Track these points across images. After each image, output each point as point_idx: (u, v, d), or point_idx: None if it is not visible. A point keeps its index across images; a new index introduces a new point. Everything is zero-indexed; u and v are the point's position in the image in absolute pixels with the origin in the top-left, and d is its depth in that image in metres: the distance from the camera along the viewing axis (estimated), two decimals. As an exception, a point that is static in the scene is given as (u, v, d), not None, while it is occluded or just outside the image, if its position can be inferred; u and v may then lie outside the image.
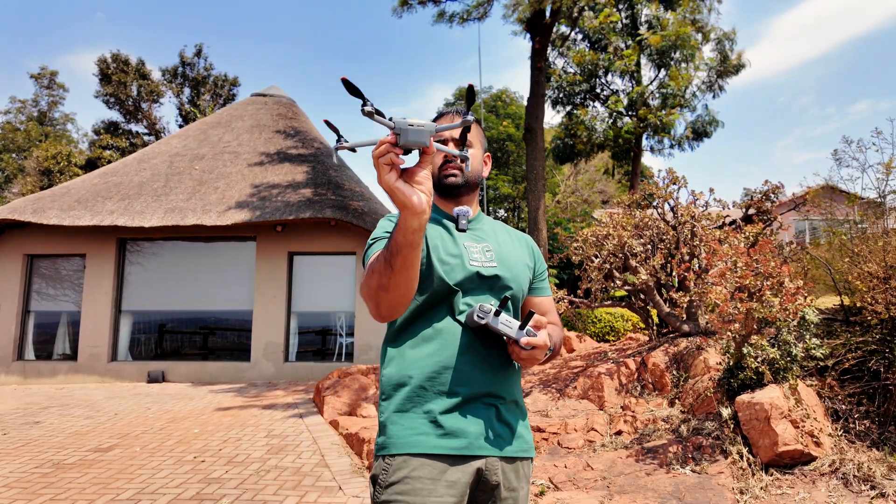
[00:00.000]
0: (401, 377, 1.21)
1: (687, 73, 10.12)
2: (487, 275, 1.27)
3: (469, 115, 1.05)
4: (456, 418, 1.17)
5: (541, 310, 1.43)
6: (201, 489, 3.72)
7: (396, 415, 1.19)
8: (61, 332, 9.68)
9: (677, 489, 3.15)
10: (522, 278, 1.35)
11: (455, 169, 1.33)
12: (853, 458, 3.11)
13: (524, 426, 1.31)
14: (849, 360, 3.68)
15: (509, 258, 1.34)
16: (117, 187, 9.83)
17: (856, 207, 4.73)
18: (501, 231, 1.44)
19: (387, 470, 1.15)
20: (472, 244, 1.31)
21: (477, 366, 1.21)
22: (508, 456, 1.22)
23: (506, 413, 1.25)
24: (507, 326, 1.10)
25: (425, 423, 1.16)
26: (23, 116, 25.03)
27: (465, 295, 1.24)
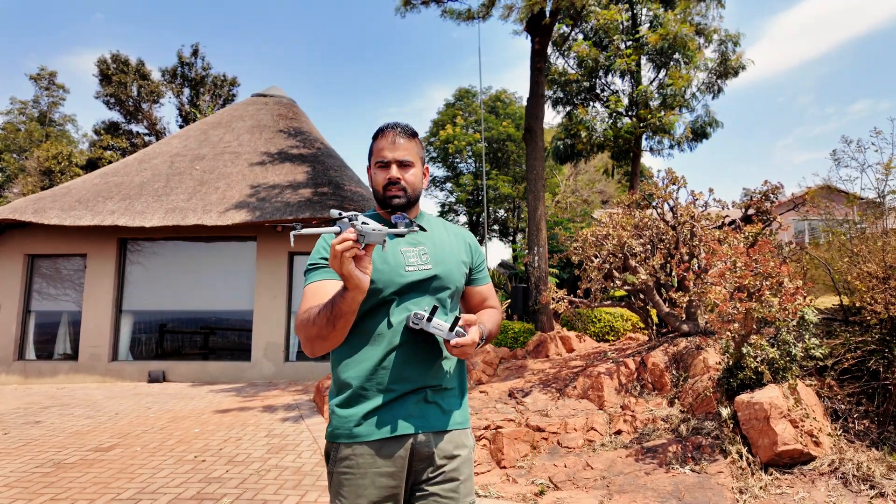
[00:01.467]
0: (344, 379, 1.39)
1: (687, 73, 10.11)
2: (422, 278, 1.42)
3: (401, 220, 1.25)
4: (390, 409, 1.36)
5: (481, 297, 1.61)
6: (202, 488, 3.73)
7: (340, 409, 1.38)
8: (62, 332, 9.69)
9: (677, 489, 3.15)
10: (457, 275, 1.49)
11: (399, 191, 1.47)
12: (852, 458, 3.11)
13: (454, 403, 1.46)
14: (848, 360, 3.68)
15: (444, 258, 1.48)
16: (118, 187, 9.84)
17: (855, 207, 4.73)
18: (439, 230, 1.57)
19: (336, 450, 1.37)
20: (408, 249, 1.45)
21: (408, 363, 1.38)
22: (437, 430, 1.40)
23: (433, 396, 1.41)
24: (439, 329, 1.28)
25: (363, 418, 1.35)
26: (23, 117, 25.05)
27: (403, 299, 1.39)
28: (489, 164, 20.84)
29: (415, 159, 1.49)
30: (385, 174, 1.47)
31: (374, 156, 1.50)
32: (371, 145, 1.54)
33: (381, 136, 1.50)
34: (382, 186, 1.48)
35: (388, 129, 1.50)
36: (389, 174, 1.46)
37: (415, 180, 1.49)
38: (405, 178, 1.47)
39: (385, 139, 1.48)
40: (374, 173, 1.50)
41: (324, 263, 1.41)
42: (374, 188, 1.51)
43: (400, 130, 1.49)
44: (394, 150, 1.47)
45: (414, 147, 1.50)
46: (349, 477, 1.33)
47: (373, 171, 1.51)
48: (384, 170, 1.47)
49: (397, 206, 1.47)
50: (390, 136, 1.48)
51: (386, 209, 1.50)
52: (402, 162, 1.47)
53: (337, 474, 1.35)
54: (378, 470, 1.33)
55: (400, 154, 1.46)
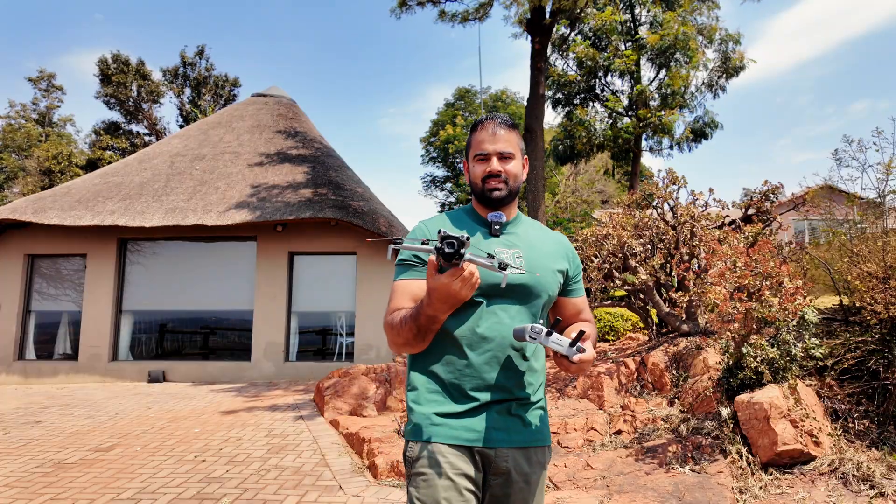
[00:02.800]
0: (425, 378, 1.35)
1: (686, 73, 10.12)
2: (514, 283, 1.33)
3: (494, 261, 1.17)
4: (472, 416, 1.30)
5: (575, 309, 1.53)
6: (202, 488, 3.72)
7: (420, 407, 1.34)
8: (62, 332, 9.69)
9: (677, 489, 3.15)
10: (551, 284, 1.41)
11: (500, 183, 1.40)
12: (852, 458, 3.11)
13: (538, 417, 1.38)
14: (848, 360, 3.68)
15: (540, 263, 1.40)
16: (118, 187, 9.84)
17: (855, 207, 4.73)
18: (536, 234, 1.49)
19: (413, 450, 1.31)
20: (502, 250, 1.38)
21: (494, 372, 1.32)
22: (518, 446, 1.32)
23: (517, 409, 1.34)
24: (559, 345, 1.19)
25: (444, 418, 1.30)
26: (22, 119, 25.04)
27: (491, 303, 1.33)
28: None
29: (515, 151, 1.42)
30: (485, 166, 1.41)
31: (473, 149, 1.44)
32: (469, 138, 1.47)
33: (481, 128, 1.44)
34: (481, 179, 1.41)
35: (487, 120, 1.43)
36: (490, 166, 1.40)
37: (516, 172, 1.42)
38: (506, 169, 1.40)
39: (485, 131, 1.42)
40: (473, 167, 1.43)
41: (415, 262, 1.37)
42: (473, 182, 1.45)
43: (500, 121, 1.42)
44: (494, 142, 1.40)
45: (514, 138, 1.43)
46: (427, 478, 1.26)
47: (471, 164, 1.45)
48: (484, 162, 1.41)
49: (498, 199, 1.40)
50: (490, 128, 1.42)
51: (484, 203, 1.43)
52: (503, 154, 1.40)
53: (414, 475, 1.29)
54: (456, 472, 1.26)
55: (501, 146, 1.40)
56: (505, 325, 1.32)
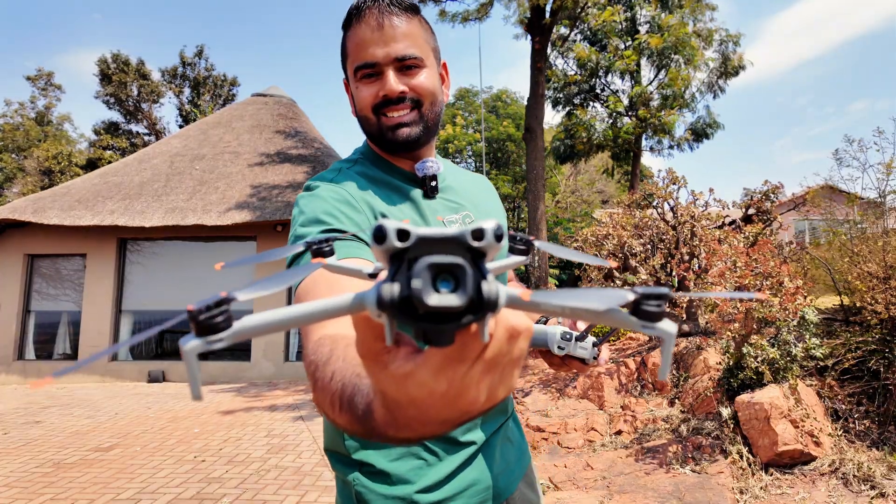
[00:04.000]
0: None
1: (686, 74, 10.13)
2: None
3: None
4: (469, 468, 0.86)
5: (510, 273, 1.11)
6: (202, 489, 3.72)
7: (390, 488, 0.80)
8: (62, 332, 9.68)
9: (677, 489, 3.15)
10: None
11: (406, 113, 0.86)
12: (853, 458, 3.11)
13: (518, 431, 1.02)
14: (848, 360, 3.68)
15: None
16: (118, 187, 9.84)
17: (856, 207, 4.73)
18: (468, 183, 1.03)
19: None
20: (451, 217, 0.92)
21: None
22: (521, 476, 0.98)
23: (509, 431, 0.97)
24: (584, 349, 0.82)
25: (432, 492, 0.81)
26: (20, 118, 25.05)
27: None
28: (489, 164, 20.84)
29: (424, 52, 0.87)
30: (375, 88, 0.85)
31: (352, 56, 0.86)
32: (343, 39, 0.89)
33: (357, 21, 0.84)
34: (374, 109, 0.86)
35: (366, 4, 0.84)
36: (385, 85, 0.84)
37: (431, 86, 0.87)
38: (414, 86, 0.86)
39: (364, 25, 0.84)
40: (357, 89, 0.87)
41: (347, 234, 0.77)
42: (362, 115, 0.89)
43: (388, 2, 0.84)
44: (385, 42, 0.83)
45: (418, 31, 0.87)
46: None
47: (353, 85, 0.88)
48: (372, 81, 0.85)
49: (406, 142, 0.87)
50: (373, 16, 0.83)
51: (387, 149, 0.90)
52: (404, 60, 0.84)
53: None
54: None
55: (398, 46, 0.83)
56: None
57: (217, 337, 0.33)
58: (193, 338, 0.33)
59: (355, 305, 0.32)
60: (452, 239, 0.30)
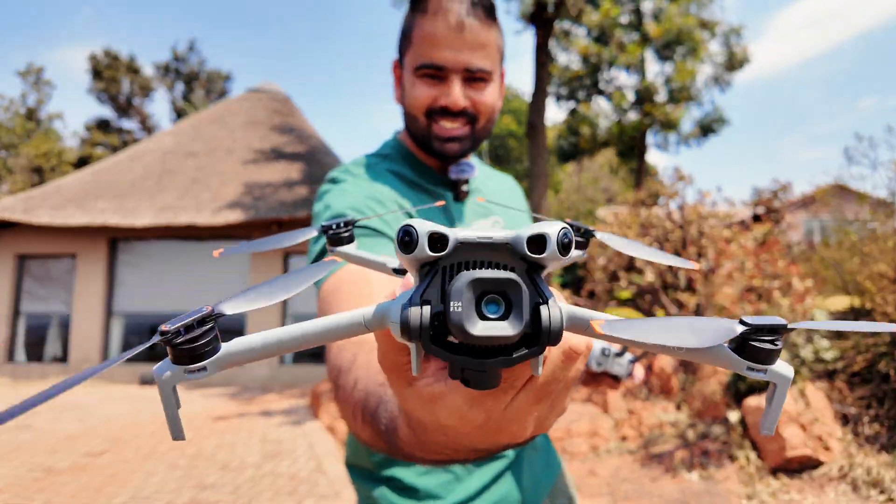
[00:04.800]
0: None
1: (692, 67, 10.08)
2: None
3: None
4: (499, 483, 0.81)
5: None
6: (195, 495, 3.64)
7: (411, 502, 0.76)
8: (52, 334, 9.54)
9: (684, 495, 3.10)
10: None
11: (461, 127, 0.80)
12: (862, 463, 3.09)
13: (546, 438, 0.97)
14: (858, 363, 3.63)
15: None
16: (109, 185, 9.69)
17: (866, 206, 4.68)
18: (496, 183, 0.98)
19: None
20: (480, 223, 0.88)
21: None
22: (549, 488, 0.92)
23: (538, 441, 0.92)
24: (621, 366, 0.79)
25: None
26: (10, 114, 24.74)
27: None
28: (491, 161, 20.80)
29: (494, 65, 0.80)
30: (435, 91, 0.78)
31: (416, 48, 0.79)
32: (409, 23, 0.81)
33: (435, 11, 0.76)
34: (425, 112, 0.80)
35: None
36: (449, 96, 0.77)
37: (492, 104, 0.82)
38: (477, 102, 0.79)
39: (441, 17, 0.76)
40: (413, 85, 0.80)
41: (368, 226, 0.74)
42: (410, 113, 0.82)
43: (471, 4, 0.76)
44: (459, 46, 0.75)
45: (495, 40, 0.80)
46: None
47: (409, 76, 0.81)
48: (434, 84, 0.78)
49: (454, 156, 0.83)
50: (454, 12, 0.75)
51: (430, 153, 0.84)
52: (474, 72, 0.77)
53: None
54: None
55: (471, 57, 0.76)
56: None
57: (198, 365, 0.26)
58: (170, 365, 0.25)
59: (375, 323, 0.26)
60: (503, 245, 0.23)
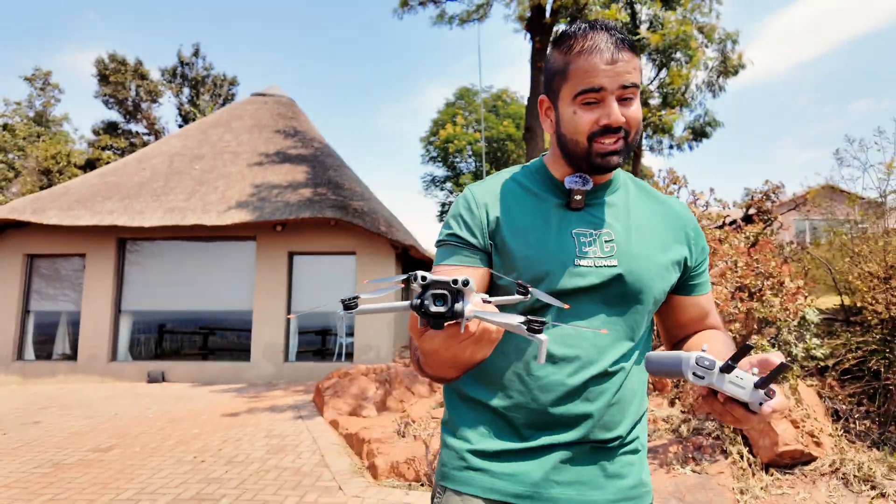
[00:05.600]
0: (464, 399, 1.00)
1: (687, 72, 10.13)
2: (600, 281, 0.92)
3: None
4: (523, 459, 0.93)
5: (699, 312, 1.05)
6: (201, 489, 3.71)
7: (453, 440, 0.98)
8: (61, 333, 9.67)
9: (678, 489, 3.14)
10: (658, 283, 0.96)
11: (618, 142, 0.91)
12: (853, 458, 3.12)
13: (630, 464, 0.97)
14: (849, 360, 3.68)
15: (641, 251, 0.95)
16: (117, 187, 9.83)
17: (856, 207, 4.73)
18: (642, 205, 1.01)
19: (440, 497, 0.97)
20: (585, 231, 0.94)
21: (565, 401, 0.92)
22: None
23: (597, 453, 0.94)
24: (739, 387, 0.73)
25: (481, 459, 0.94)
26: (18, 118, 24.97)
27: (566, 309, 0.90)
28: (489, 164, 20.84)
29: (639, 83, 0.93)
30: (596, 114, 0.89)
31: (574, 81, 0.90)
32: (563, 63, 0.92)
33: (590, 51, 0.88)
34: (589, 136, 0.90)
35: (597, 34, 0.89)
36: (609, 115, 0.88)
37: (640, 118, 0.93)
38: (628, 117, 0.90)
39: (597, 54, 0.87)
40: (574, 113, 0.91)
41: (453, 241, 0.97)
42: (569, 137, 0.93)
43: (621, 38, 0.89)
44: (616, 73, 0.87)
45: (637, 66, 0.92)
46: None
47: (569, 107, 0.92)
48: (593, 108, 0.89)
49: (612, 168, 0.92)
50: (608, 50, 0.87)
51: (581, 168, 0.94)
52: (626, 88, 0.89)
53: None
54: None
55: (626, 77, 0.88)
56: (585, 337, 0.92)
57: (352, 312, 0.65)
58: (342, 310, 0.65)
59: (409, 307, 0.61)
60: (446, 283, 0.59)
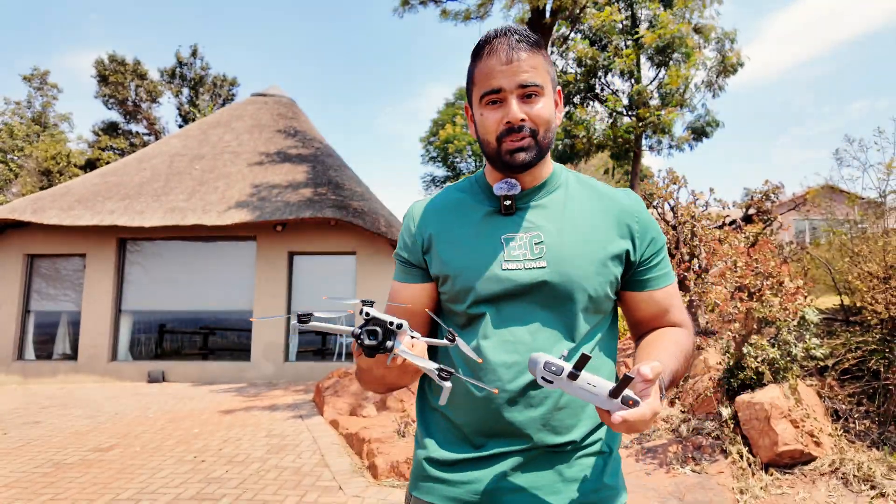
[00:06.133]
0: (424, 408, 1.06)
1: (686, 72, 10.12)
2: (530, 282, 0.93)
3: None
4: (476, 468, 0.95)
5: (657, 308, 1.02)
6: (201, 489, 3.72)
7: (418, 449, 1.04)
8: (61, 332, 9.68)
9: (677, 489, 3.15)
10: (593, 278, 0.94)
11: (523, 140, 0.94)
12: (853, 458, 3.11)
13: (591, 467, 0.96)
14: (849, 360, 3.68)
15: (572, 251, 0.95)
16: (117, 187, 9.83)
17: (856, 207, 4.73)
18: (579, 202, 1.01)
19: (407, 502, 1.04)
20: (513, 235, 0.97)
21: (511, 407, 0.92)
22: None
23: (552, 459, 0.94)
24: (590, 392, 0.75)
25: (437, 468, 0.98)
26: (18, 118, 24.95)
27: (500, 313, 0.94)
28: (489, 164, 20.77)
29: (544, 82, 0.95)
30: (500, 114, 0.94)
31: (479, 85, 0.96)
32: (471, 70, 0.99)
33: (488, 54, 0.95)
34: (497, 136, 0.95)
35: (497, 38, 0.94)
36: (508, 113, 0.93)
37: (547, 115, 0.95)
38: (533, 115, 0.94)
39: (494, 56, 0.94)
40: (482, 115, 0.96)
41: (399, 259, 1.07)
42: (483, 139, 0.98)
43: (518, 39, 0.94)
44: (512, 73, 0.92)
45: (541, 62, 0.95)
46: None
47: (478, 110, 0.98)
48: (497, 107, 0.95)
49: (523, 165, 0.95)
50: (503, 51, 0.93)
51: (502, 170, 0.98)
52: (526, 87, 0.93)
53: None
54: None
55: (523, 76, 0.92)
56: (523, 342, 0.93)
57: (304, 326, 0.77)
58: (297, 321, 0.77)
59: (350, 334, 0.76)
60: (385, 322, 0.74)
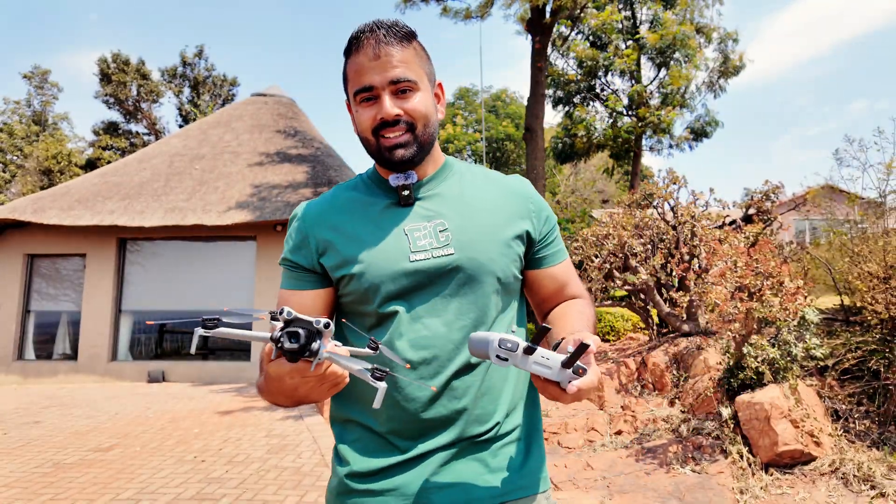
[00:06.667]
0: (339, 422, 1.00)
1: (687, 72, 10.13)
2: (438, 268, 0.91)
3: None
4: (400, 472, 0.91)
5: (556, 283, 1.05)
6: (201, 489, 3.72)
7: (336, 467, 0.97)
8: (61, 332, 9.68)
9: (677, 489, 3.15)
10: (499, 261, 0.95)
11: (401, 135, 0.92)
12: (853, 458, 3.11)
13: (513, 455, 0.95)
14: (849, 360, 3.68)
15: (477, 235, 0.94)
16: (118, 187, 9.83)
17: (856, 207, 4.73)
18: (473, 189, 1.01)
19: None
20: (417, 225, 0.94)
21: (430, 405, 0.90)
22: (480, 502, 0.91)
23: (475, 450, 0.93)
24: (545, 367, 0.76)
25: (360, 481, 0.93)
26: (17, 117, 24.95)
27: (411, 305, 0.91)
28: (489, 164, 20.85)
29: (418, 76, 0.93)
30: (373, 111, 0.91)
31: (352, 82, 0.94)
32: (343, 67, 0.96)
33: (356, 50, 0.92)
34: (373, 133, 0.92)
35: (364, 34, 0.91)
36: (381, 110, 0.90)
37: (424, 110, 0.93)
38: (408, 110, 0.92)
39: (363, 53, 0.91)
40: (357, 112, 0.94)
41: (288, 265, 1.00)
42: (362, 137, 0.95)
43: (385, 33, 0.90)
44: (382, 69, 0.90)
45: (413, 56, 0.93)
46: None
47: (354, 108, 0.95)
48: (371, 105, 0.92)
49: (402, 161, 0.93)
50: (371, 47, 0.90)
51: (386, 166, 0.96)
52: (398, 83, 0.90)
53: None
54: None
55: (394, 72, 0.90)
56: (439, 335, 0.90)
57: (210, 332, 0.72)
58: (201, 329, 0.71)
59: (268, 339, 0.69)
60: (308, 322, 0.67)
